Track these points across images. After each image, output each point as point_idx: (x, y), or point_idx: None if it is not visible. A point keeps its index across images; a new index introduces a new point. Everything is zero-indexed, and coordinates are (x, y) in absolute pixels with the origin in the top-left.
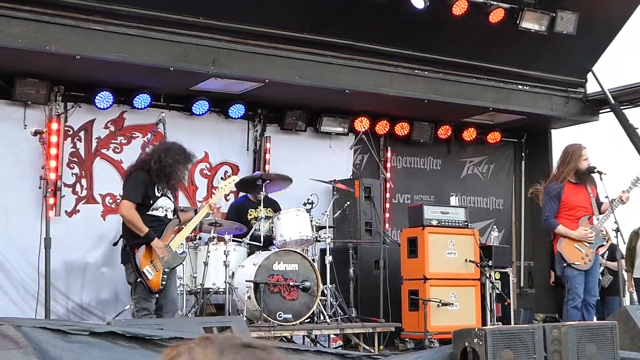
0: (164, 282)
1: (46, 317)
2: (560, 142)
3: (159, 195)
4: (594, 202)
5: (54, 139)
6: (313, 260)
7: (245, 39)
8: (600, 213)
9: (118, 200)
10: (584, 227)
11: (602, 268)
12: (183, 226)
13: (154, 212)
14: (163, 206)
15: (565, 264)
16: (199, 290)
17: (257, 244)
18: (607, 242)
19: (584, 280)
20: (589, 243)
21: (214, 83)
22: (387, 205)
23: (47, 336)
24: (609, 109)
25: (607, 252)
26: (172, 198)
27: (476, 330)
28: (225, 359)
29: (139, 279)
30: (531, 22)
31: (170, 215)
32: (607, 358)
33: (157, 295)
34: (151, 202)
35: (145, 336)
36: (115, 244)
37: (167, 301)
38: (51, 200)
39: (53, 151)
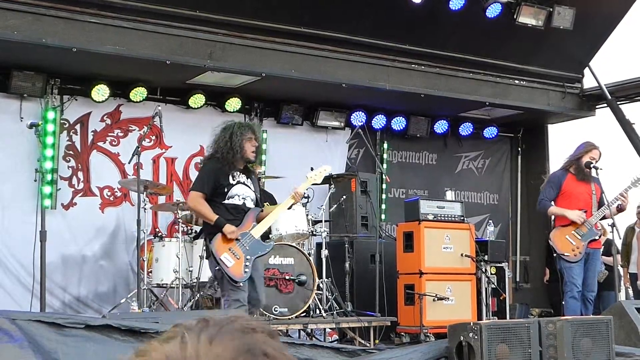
0: (247, 270)
1: (42, 310)
2: (556, 137)
3: (234, 183)
4: (594, 199)
5: (50, 127)
6: (309, 254)
7: (242, 32)
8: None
9: (117, 194)
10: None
11: None
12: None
13: (231, 201)
14: (239, 194)
15: (555, 254)
16: (195, 283)
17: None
18: (599, 237)
19: (581, 272)
20: (580, 235)
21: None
22: (383, 196)
23: (42, 329)
24: (605, 104)
25: (603, 247)
26: (251, 186)
27: (471, 324)
28: (217, 347)
29: (217, 267)
30: (528, 17)
31: (249, 204)
32: (602, 353)
33: (243, 284)
34: (225, 190)
35: (140, 329)
36: (196, 237)
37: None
38: (47, 193)
39: (50, 140)
